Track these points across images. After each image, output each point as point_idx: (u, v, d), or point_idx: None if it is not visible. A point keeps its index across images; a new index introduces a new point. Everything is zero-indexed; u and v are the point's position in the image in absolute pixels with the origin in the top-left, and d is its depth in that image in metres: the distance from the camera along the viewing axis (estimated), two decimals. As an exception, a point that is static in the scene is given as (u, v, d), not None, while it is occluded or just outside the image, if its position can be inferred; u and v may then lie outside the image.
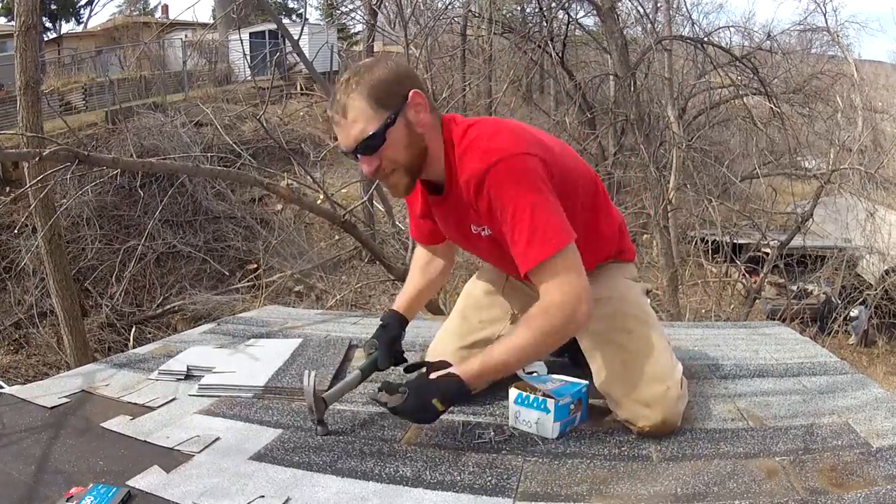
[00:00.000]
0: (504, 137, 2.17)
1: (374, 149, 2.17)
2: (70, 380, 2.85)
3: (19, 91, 7.84)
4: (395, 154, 2.20)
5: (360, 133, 2.15)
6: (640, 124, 12.44)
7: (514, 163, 2.11)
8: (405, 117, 2.18)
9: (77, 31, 32.48)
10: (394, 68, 2.21)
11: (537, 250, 2.10)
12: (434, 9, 12.87)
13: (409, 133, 2.19)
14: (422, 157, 2.25)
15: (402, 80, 2.20)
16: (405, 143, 2.19)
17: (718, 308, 10.80)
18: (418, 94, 2.19)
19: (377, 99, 2.14)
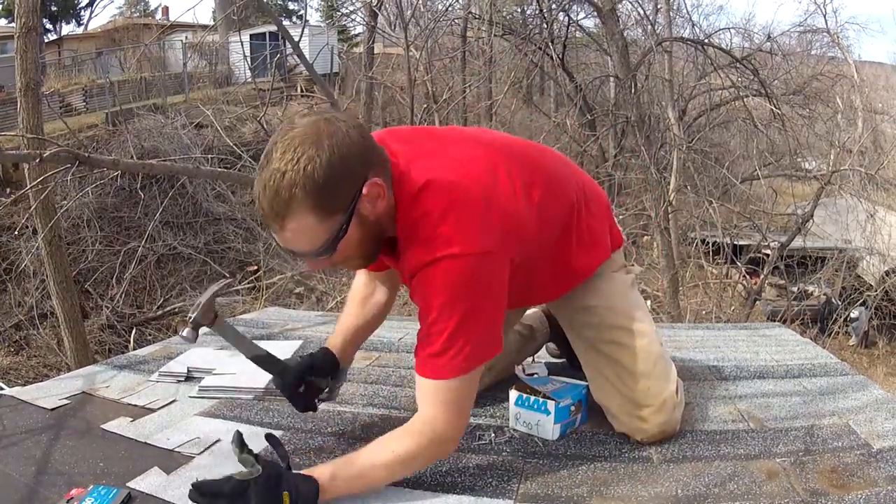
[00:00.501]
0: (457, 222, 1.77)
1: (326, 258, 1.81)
2: (70, 381, 2.85)
3: (20, 92, 7.84)
4: (347, 253, 1.84)
5: (304, 247, 1.76)
6: (640, 126, 12.43)
7: (457, 266, 1.75)
8: (359, 215, 1.76)
9: (77, 32, 32.51)
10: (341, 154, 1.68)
11: (440, 369, 1.81)
12: (434, 10, 12.90)
13: (364, 229, 1.80)
14: (379, 242, 1.91)
15: (355, 167, 1.72)
16: (358, 242, 1.81)
17: (719, 309, 10.79)
18: (375, 185, 1.75)
19: (324, 209, 1.69)
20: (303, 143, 1.65)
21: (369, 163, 1.75)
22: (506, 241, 1.84)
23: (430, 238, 1.76)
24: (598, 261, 2.30)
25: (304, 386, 2.22)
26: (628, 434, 2.24)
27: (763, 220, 12.48)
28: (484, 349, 1.85)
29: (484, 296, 1.81)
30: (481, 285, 1.79)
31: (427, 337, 1.82)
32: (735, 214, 13.10)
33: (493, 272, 1.82)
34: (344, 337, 2.35)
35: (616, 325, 2.28)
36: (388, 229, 1.87)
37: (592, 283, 2.31)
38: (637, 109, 12.89)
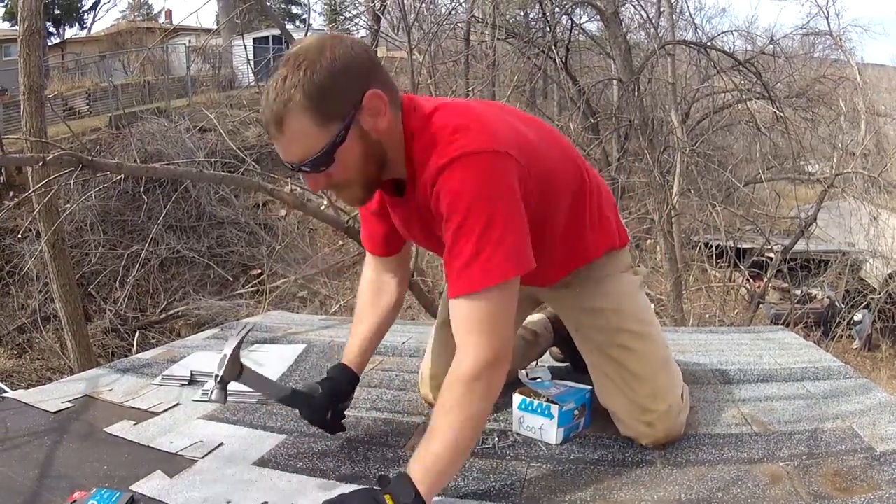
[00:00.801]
0: (473, 128, 1.78)
1: (321, 169, 1.79)
2: (73, 384, 2.85)
3: (23, 96, 7.86)
4: (346, 172, 1.81)
5: (301, 154, 1.75)
6: (643, 129, 12.44)
7: (479, 162, 1.73)
8: (359, 127, 1.76)
9: (81, 36, 32.55)
10: (344, 63, 1.71)
11: (474, 278, 1.74)
12: (437, 14, 12.88)
13: (364, 145, 1.79)
14: (380, 165, 1.87)
15: (355, 78, 1.74)
16: (359, 158, 1.80)
17: (722, 313, 10.79)
18: (376, 95, 1.76)
19: (322, 112, 1.70)
20: (307, 52, 1.70)
21: (372, 76, 1.76)
22: (522, 153, 1.81)
23: (447, 143, 1.75)
24: (609, 243, 2.28)
25: (332, 412, 2.21)
26: (634, 438, 2.22)
27: (766, 223, 12.47)
28: (518, 255, 1.78)
29: (508, 196, 1.76)
30: (504, 184, 1.76)
31: (455, 247, 1.76)
32: (738, 218, 13.09)
33: (512, 175, 1.77)
34: (360, 347, 2.30)
35: (624, 328, 2.23)
36: (394, 162, 1.87)
37: (601, 284, 2.28)
38: (640, 113, 12.90)
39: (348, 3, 29.95)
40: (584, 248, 2.23)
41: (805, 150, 14.70)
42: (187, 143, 16.68)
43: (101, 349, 11.95)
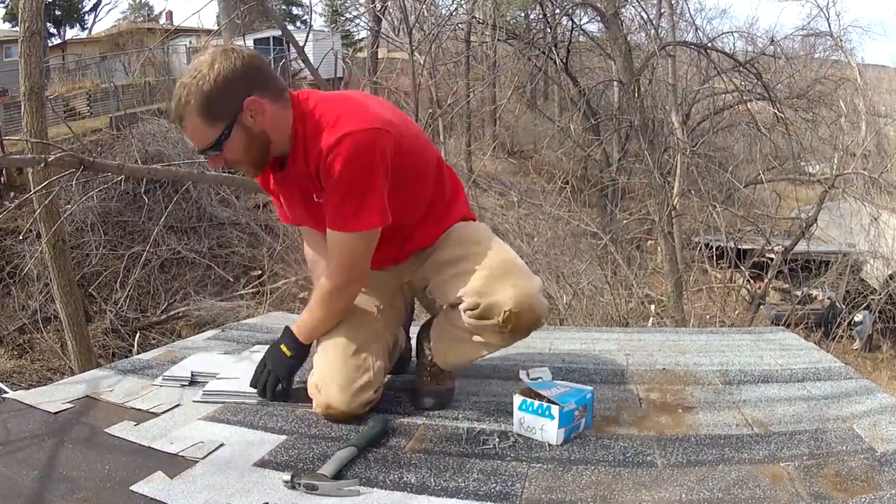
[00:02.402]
0: (356, 113, 2.28)
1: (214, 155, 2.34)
2: (74, 385, 2.85)
3: (24, 97, 7.86)
4: (235, 156, 2.34)
5: (198, 144, 2.31)
6: (644, 130, 12.45)
7: (357, 139, 2.22)
8: (241, 125, 2.26)
9: (81, 36, 32.63)
10: (226, 74, 2.20)
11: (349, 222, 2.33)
12: (438, 15, 12.88)
13: (248, 136, 2.29)
14: (266, 149, 2.36)
15: (237, 86, 2.22)
16: (244, 147, 2.31)
17: (723, 314, 10.78)
18: (253, 101, 2.24)
19: (209, 113, 2.22)
20: (200, 65, 2.21)
21: (251, 85, 2.24)
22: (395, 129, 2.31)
23: (334, 124, 2.25)
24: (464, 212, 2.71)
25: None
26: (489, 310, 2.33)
27: (767, 224, 12.45)
28: (375, 211, 2.32)
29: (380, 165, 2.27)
30: (378, 156, 2.26)
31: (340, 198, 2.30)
32: (739, 218, 13.08)
33: (384, 150, 2.27)
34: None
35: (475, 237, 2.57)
36: (279, 141, 2.35)
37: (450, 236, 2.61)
38: (640, 114, 12.91)
39: (349, 4, 30.00)
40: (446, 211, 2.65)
41: (805, 151, 14.72)
42: (188, 144, 16.66)
43: (102, 350, 11.94)
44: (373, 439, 2.23)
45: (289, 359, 2.56)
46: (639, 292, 10.46)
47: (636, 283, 10.40)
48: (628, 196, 15.19)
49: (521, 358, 3.23)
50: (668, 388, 2.81)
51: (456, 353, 2.60)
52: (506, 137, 19.84)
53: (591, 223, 11.94)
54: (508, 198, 14.43)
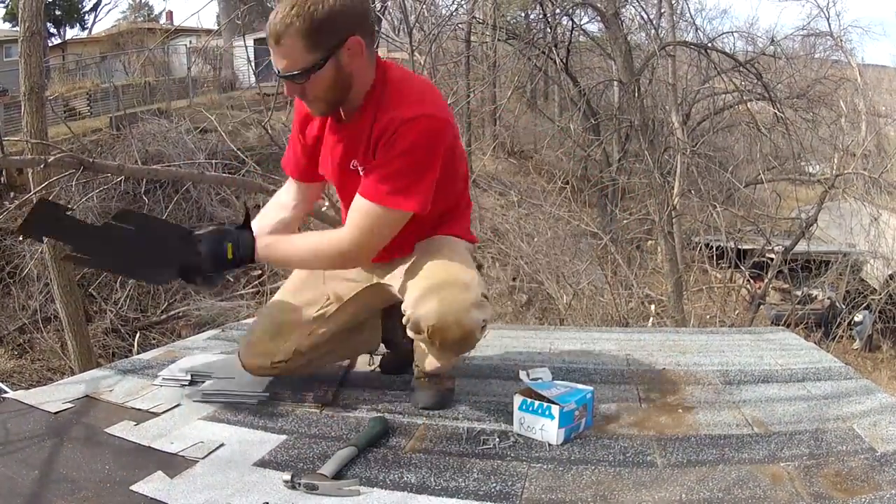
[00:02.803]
0: (437, 101, 2.40)
1: (299, 82, 2.27)
2: (74, 385, 2.85)
3: (24, 97, 7.85)
4: (318, 90, 2.29)
5: (288, 66, 2.24)
6: (644, 130, 12.45)
7: (434, 124, 2.28)
8: (336, 60, 2.24)
9: (81, 36, 32.60)
10: (340, 9, 2.18)
11: (389, 197, 2.29)
12: (438, 15, 12.88)
13: (337, 75, 2.26)
14: (345, 93, 2.34)
15: (345, 21, 2.21)
16: (330, 83, 2.28)
17: (723, 314, 10.78)
18: (356, 42, 2.24)
19: (312, 39, 2.18)
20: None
21: (359, 26, 2.25)
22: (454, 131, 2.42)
23: (417, 101, 2.30)
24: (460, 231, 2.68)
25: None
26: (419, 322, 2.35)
27: (767, 224, 12.45)
28: (420, 197, 2.31)
29: (437, 154, 2.31)
30: (441, 146, 2.31)
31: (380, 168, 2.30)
32: (739, 219, 13.08)
33: (447, 140, 2.35)
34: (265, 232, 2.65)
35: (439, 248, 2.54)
36: (357, 92, 2.35)
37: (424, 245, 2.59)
38: (641, 114, 12.91)
39: (349, 4, 29.95)
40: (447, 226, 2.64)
41: (806, 151, 14.72)
42: (188, 144, 16.66)
43: (102, 350, 11.93)
44: (373, 439, 2.23)
45: (226, 259, 2.41)
46: (639, 292, 10.46)
47: (636, 283, 10.40)
48: (628, 196, 15.17)
49: (521, 358, 3.24)
50: (668, 388, 2.81)
51: (427, 359, 2.58)
52: (506, 137, 19.79)
53: (591, 223, 11.94)
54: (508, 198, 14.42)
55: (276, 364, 2.69)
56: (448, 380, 2.67)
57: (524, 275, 11.03)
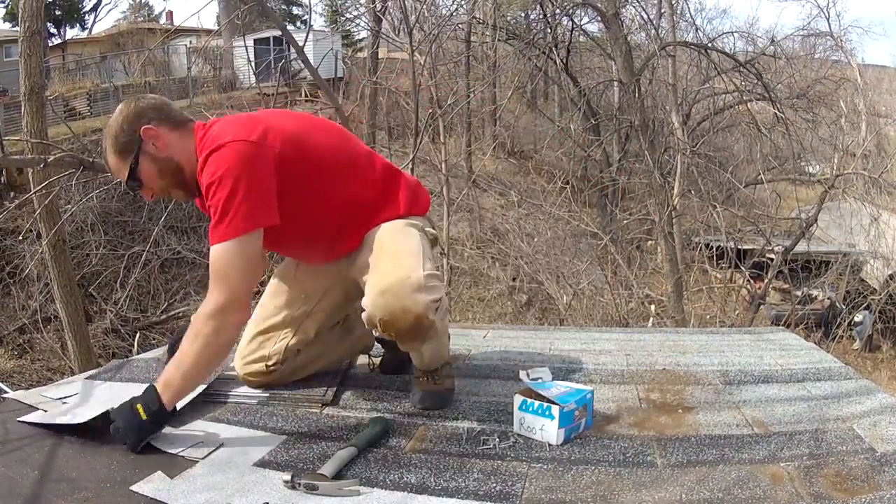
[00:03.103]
0: (228, 129, 2.41)
1: (139, 186, 2.50)
2: (74, 385, 2.85)
3: (24, 96, 7.86)
4: (154, 182, 2.50)
5: (121, 178, 2.50)
6: (644, 130, 12.45)
7: (227, 150, 2.32)
8: (146, 153, 2.44)
9: (81, 36, 32.57)
10: (126, 113, 2.44)
11: (220, 232, 2.32)
12: (438, 15, 12.88)
13: (155, 163, 2.45)
14: (178, 171, 2.49)
15: (133, 121, 2.43)
16: (156, 172, 2.47)
17: (723, 314, 10.78)
18: (147, 129, 2.42)
19: (119, 151, 2.44)
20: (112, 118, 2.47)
21: (146, 117, 2.43)
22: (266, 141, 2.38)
23: (210, 141, 2.37)
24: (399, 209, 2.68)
25: None
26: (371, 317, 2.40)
27: (767, 224, 12.46)
28: (256, 215, 2.34)
29: (248, 173, 2.32)
30: (244, 165, 2.32)
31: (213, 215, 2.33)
32: (739, 219, 13.09)
33: (254, 157, 2.34)
34: None
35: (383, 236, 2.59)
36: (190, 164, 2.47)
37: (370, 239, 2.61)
38: (641, 114, 12.91)
39: (349, 4, 30.00)
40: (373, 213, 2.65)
41: (806, 151, 14.73)
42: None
43: (102, 350, 11.93)
44: (373, 439, 2.23)
45: (142, 420, 2.20)
46: (639, 292, 10.47)
47: (636, 283, 10.41)
48: (628, 196, 15.18)
49: (521, 358, 3.24)
50: (668, 388, 2.81)
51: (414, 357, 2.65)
52: (506, 137, 19.82)
53: (591, 223, 11.96)
54: (508, 198, 14.45)
55: (272, 367, 2.74)
56: (447, 379, 2.67)
57: (524, 275, 11.05)
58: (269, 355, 2.74)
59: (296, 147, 2.46)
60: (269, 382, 2.77)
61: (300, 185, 2.48)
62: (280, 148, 2.41)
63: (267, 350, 2.75)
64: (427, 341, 2.49)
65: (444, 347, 2.67)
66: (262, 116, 2.55)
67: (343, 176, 2.60)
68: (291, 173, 2.44)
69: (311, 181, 2.51)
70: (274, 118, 2.55)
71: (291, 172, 2.43)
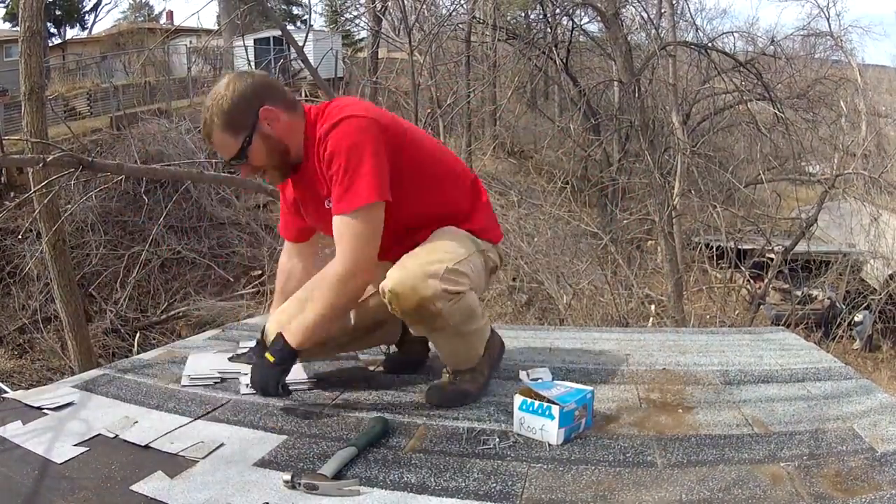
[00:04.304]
0: (352, 105, 2.48)
1: (242, 163, 2.54)
2: (74, 385, 2.85)
3: (24, 96, 7.86)
4: (260, 162, 2.54)
5: (227, 155, 2.52)
6: (644, 130, 12.46)
7: (354, 122, 2.39)
8: (260, 133, 2.48)
9: (82, 36, 32.59)
10: (241, 90, 2.46)
11: (346, 202, 2.39)
12: (438, 15, 12.88)
13: (268, 143, 2.50)
14: (286, 154, 2.56)
15: (251, 99, 2.46)
16: (266, 153, 2.52)
17: (723, 314, 10.79)
18: (268, 110, 2.47)
19: (231, 126, 2.45)
20: (218, 88, 2.48)
21: (264, 97, 2.47)
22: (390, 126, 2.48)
23: (332, 115, 2.45)
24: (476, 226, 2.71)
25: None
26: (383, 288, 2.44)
27: (767, 224, 12.47)
28: (381, 187, 2.40)
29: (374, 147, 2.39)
30: (372, 139, 2.40)
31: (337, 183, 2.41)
32: (739, 219, 13.09)
33: (379, 135, 2.42)
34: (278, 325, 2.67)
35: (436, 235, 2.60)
36: (296, 147, 2.56)
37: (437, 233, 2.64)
38: (641, 114, 12.92)
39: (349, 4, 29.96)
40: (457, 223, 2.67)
41: (806, 151, 14.73)
42: (188, 144, 16.68)
43: (102, 350, 11.93)
44: (373, 439, 2.23)
45: (272, 368, 2.46)
46: (639, 292, 10.46)
47: (636, 283, 10.41)
48: (628, 196, 15.17)
49: (521, 358, 3.23)
50: (668, 388, 2.81)
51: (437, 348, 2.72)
52: (506, 137, 19.82)
53: (591, 223, 11.95)
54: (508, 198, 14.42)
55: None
56: (469, 383, 2.67)
57: (524, 275, 11.04)
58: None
59: (404, 140, 2.53)
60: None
61: (408, 179, 2.53)
62: (400, 138, 2.50)
63: None
64: (437, 332, 2.52)
65: (465, 349, 2.66)
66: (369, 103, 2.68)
67: (445, 181, 2.68)
68: (405, 164, 2.51)
69: (419, 177, 2.58)
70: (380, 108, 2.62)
71: (405, 163, 2.51)
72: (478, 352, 2.68)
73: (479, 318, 2.59)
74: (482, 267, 2.66)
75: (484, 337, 2.69)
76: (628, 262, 11.11)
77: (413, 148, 2.57)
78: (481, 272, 2.65)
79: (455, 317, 2.45)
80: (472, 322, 2.56)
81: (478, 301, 2.60)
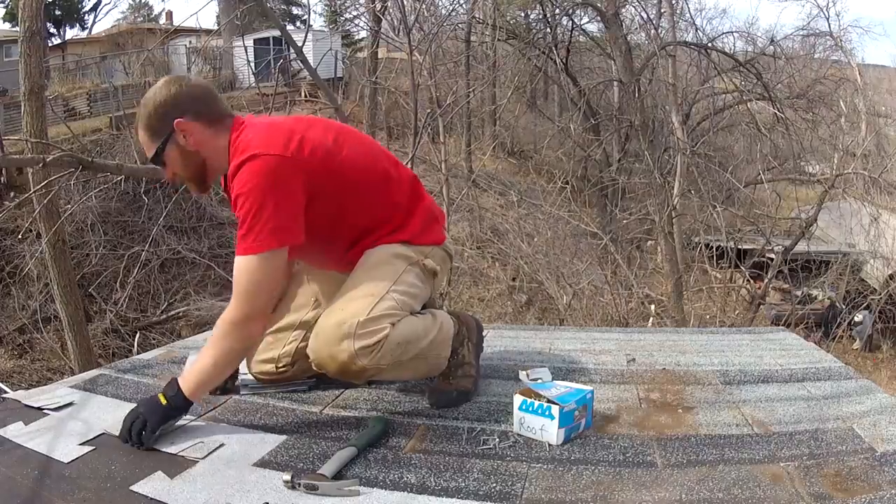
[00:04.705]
0: (261, 137, 2.41)
1: (158, 163, 2.55)
2: (73, 385, 2.85)
3: (24, 97, 7.86)
4: (175, 169, 2.54)
5: (147, 153, 2.54)
6: (644, 130, 12.47)
7: (258, 164, 2.33)
8: (175, 143, 2.47)
9: (81, 36, 32.56)
10: (163, 98, 2.45)
11: (245, 245, 2.37)
12: (438, 15, 12.88)
13: (182, 154, 2.49)
14: (201, 168, 2.55)
15: (169, 110, 2.44)
16: (181, 162, 2.51)
17: (723, 314, 10.79)
18: (182, 123, 2.44)
19: (150, 129, 2.48)
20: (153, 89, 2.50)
21: (184, 108, 2.45)
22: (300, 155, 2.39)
23: (240, 149, 2.40)
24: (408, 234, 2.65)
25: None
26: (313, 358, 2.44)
27: (767, 224, 12.46)
28: (282, 233, 2.37)
29: (278, 189, 2.35)
30: (276, 180, 2.34)
31: (241, 226, 2.38)
32: (739, 219, 13.09)
33: (287, 172, 2.36)
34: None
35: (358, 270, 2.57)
36: (218, 162, 2.52)
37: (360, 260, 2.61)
38: (641, 114, 12.93)
39: (348, 4, 29.99)
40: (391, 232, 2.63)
41: (805, 151, 14.73)
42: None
43: (102, 350, 11.92)
44: (373, 439, 2.23)
45: (162, 406, 2.29)
46: (639, 292, 10.47)
47: (636, 283, 10.41)
48: (628, 196, 15.18)
49: (521, 358, 3.24)
50: (668, 388, 2.81)
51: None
52: (506, 137, 19.83)
53: (591, 223, 11.95)
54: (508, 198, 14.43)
55: (282, 368, 2.77)
56: (464, 379, 2.68)
57: (524, 275, 11.05)
58: (278, 357, 2.76)
59: (330, 162, 2.47)
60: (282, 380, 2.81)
61: (328, 199, 2.49)
62: (313, 162, 2.42)
63: (276, 352, 2.77)
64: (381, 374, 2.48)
65: (425, 367, 2.62)
66: (297, 126, 2.52)
67: (372, 195, 2.60)
68: (321, 188, 2.46)
69: (340, 196, 2.52)
70: (309, 128, 2.53)
71: (322, 187, 2.46)
72: (442, 358, 2.65)
73: (421, 338, 2.51)
74: (418, 279, 2.62)
75: (440, 344, 2.62)
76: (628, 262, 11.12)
77: (347, 166, 2.52)
78: (418, 287, 2.61)
79: (386, 358, 2.37)
80: (413, 347, 2.48)
81: (414, 322, 2.51)
